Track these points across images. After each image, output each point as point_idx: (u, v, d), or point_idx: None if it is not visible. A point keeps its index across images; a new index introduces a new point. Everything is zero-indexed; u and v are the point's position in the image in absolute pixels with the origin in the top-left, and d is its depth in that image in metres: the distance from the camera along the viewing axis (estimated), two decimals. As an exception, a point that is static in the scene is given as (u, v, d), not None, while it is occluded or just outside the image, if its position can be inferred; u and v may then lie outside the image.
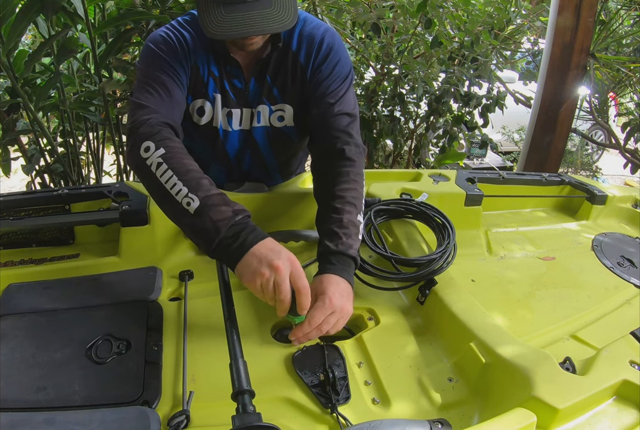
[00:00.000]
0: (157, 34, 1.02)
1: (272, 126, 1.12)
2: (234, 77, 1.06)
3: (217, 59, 1.04)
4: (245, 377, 0.67)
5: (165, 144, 0.87)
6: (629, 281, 1.11)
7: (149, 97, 0.95)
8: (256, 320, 0.89)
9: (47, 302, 0.90)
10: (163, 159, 0.85)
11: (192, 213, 0.80)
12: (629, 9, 3.09)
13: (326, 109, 1.04)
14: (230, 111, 1.09)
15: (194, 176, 0.84)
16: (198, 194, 0.81)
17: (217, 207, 0.80)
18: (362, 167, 1.02)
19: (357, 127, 1.06)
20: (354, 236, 0.90)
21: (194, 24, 1.03)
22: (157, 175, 0.84)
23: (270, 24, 0.88)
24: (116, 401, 0.70)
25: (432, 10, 2.29)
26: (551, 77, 2.64)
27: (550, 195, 1.49)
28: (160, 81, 0.97)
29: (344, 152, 1.00)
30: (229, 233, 0.79)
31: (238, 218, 0.81)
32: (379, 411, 0.73)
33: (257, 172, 1.24)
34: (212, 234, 0.79)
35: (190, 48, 1.01)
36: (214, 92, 1.06)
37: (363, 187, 1.00)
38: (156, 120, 0.91)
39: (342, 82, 1.06)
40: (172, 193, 0.82)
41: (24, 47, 2.54)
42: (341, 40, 1.09)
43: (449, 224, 1.05)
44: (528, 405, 0.65)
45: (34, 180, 2.30)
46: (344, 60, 1.07)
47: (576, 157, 4.94)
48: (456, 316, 0.84)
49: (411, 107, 2.78)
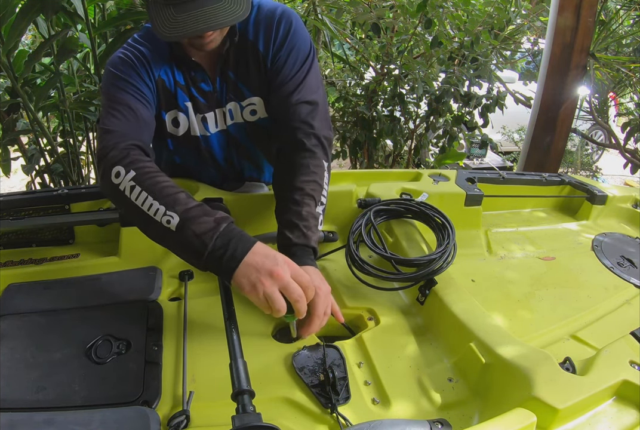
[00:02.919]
0: (115, 56, 1.00)
1: (247, 121, 1.11)
2: (201, 80, 1.05)
3: (179, 67, 1.03)
4: (245, 377, 0.67)
5: (135, 166, 0.85)
6: (629, 281, 1.11)
7: (114, 121, 0.93)
8: (256, 320, 0.89)
9: (47, 302, 0.90)
10: (135, 182, 0.82)
11: (174, 230, 0.77)
12: (629, 9, 3.09)
13: (284, 98, 1.01)
14: (204, 116, 1.08)
15: (168, 192, 0.81)
16: (176, 210, 0.78)
17: (198, 219, 0.78)
18: (322, 158, 1.00)
19: (320, 115, 1.02)
20: (314, 228, 0.92)
21: (150, 37, 1.01)
22: (132, 199, 0.81)
23: (223, 18, 0.85)
24: (116, 401, 0.70)
25: (432, 10, 2.29)
26: (551, 77, 2.64)
27: (550, 195, 1.49)
28: (123, 103, 0.95)
29: (304, 144, 0.99)
30: (216, 245, 0.76)
31: (222, 227, 0.78)
32: (379, 411, 0.72)
33: (249, 169, 1.23)
34: (199, 248, 0.77)
35: (151, 62, 0.99)
36: (184, 102, 1.05)
37: (323, 178, 0.99)
38: (124, 144, 0.89)
39: (301, 67, 1.03)
40: (151, 214, 0.79)
41: (24, 47, 2.54)
42: (299, 19, 1.05)
43: (449, 224, 1.05)
44: (528, 405, 0.65)
45: (34, 180, 2.30)
46: (302, 41, 1.03)
47: (576, 157, 4.94)
48: (456, 316, 0.84)
49: (411, 107, 2.78)
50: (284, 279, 0.75)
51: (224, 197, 1.11)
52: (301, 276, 0.77)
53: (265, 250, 0.78)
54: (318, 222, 0.94)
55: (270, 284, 0.74)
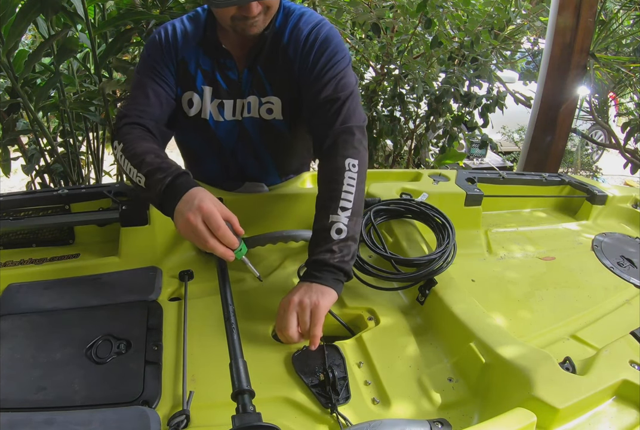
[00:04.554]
0: (152, 36, 1.08)
1: (262, 118, 1.12)
2: (228, 69, 1.07)
3: (207, 52, 1.07)
4: (245, 377, 0.68)
5: (124, 139, 0.96)
6: (629, 281, 1.11)
7: (130, 103, 1.04)
8: (256, 320, 0.89)
9: (47, 302, 0.90)
10: (122, 152, 0.94)
11: (145, 187, 0.88)
12: (629, 9, 3.09)
13: (315, 96, 1.02)
14: (222, 102, 1.10)
15: (141, 158, 0.91)
16: (142, 171, 0.88)
17: (154, 177, 0.87)
18: (350, 155, 0.97)
19: (350, 109, 1.00)
20: (322, 242, 0.89)
21: (195, 18, 1.08)
22: (123, 166, 0.93)
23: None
24: (116, 401, 0.70)
25: (432, 10, 2.29)
26: (551, 77, 2.64)
27: (550, 195, 1.49)
28: (143, 87, 1.04)
29: (334, 143, 0.98)
30: (166, 194, 0.85)
31: (168, 180, 0.85)
32: (379, 411, 0.73)
33: (253, 167, 1.23)
34: (155, 200, 0.87)
35: (179, 43, 1.05)
36: (202, 85, 1.08)
37: (343, 183, 0.94)
38: (124, 122, 1.00)
39: (331, 69, 1.02)
40: (132, 177, 0.91)
41: (24, 47, 2.54)
42: (336, 32, 1.06)
43: (448, 224, 1.05)
44: (528, 405, 0.65)
45: (34, 180, 2.30)
46: (332, 48, 1.03)
47: (576, 157, 4.94)
48: (456, 316, 0.84)
49: (411, 107, 2.78)
50: (204, 210, 0.80)
51: (224, 197, 1.10)
52: (225, 210, 0.83)
53: (201, 193, 0.84)
54: (329, 233, 0.88)
55: (195, 217, 0.80)
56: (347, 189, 0.92)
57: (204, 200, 0.81)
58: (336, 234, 0.88)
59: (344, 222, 0.89)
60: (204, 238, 0.80)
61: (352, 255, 0.89)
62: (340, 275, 0.87)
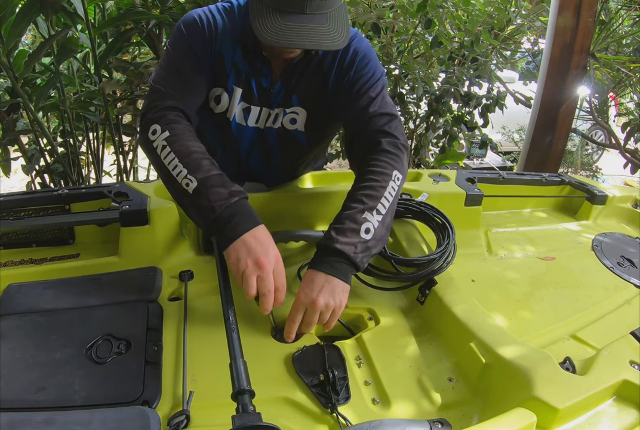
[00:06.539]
0: (191, 15, 1.01)
1: (284, 127, 1.12)
2: (263, 75, 1.05)
3: (246, 53, 1.03)
4: (245, 377, 0.67)
5: (170, 127, 0.91)
6: (629, 281, 1.11)
7: (165, 81, 0.98)
8: (256, 320, 0.89)
9: (47, 302, 0.90)
10: (167, 142, 0.88)
11: (191, 193, 0.84)
12: (629, 9, 3.09)
13: (361, 111, 1.01)
14: (250, 107, 1.09)
15: (195, 157, 0.87)
16: (196, 175, 0.84)
17: (214, 188, 0.84)
18: (395, 165, 0.98)
19: (399, 128, 1.02)
20: (348, 232, 0.87)
21: (231, 12, 1.02)
22: (162, 157, 0.88)
23: (325, 41, 0.87)
24: (116, 401, 0.70)
25: (432, 10, 2.29)
26: (551, 77, 2.64)
27: (550, 195, 1.49)
28: (178, 66, 0.99)
29: (378, 149, 0.98)
30: (224, 214, 0.82)
31: (234, 200, 0.83)
32: (379, 411, 0.73)
33: (261, 171, 1.23)
34: (208, 213, 0.83)
35: (219, 35, 1.01)
36: (233, 85, 1.06)
37: (386, 186, 0.94)
38: (167, 104, 0.94)
39: (375, 83, 1.03)
40: (174, 174, 0.86)
41: (24, 47, 2.54)
42: (369, 45, 1.07)
43: (449, 224, 1.05)
44: (528, 405, 0.65)
45: (34, 180, 2.30)
46: (372, 64, 1.04)
47: (576, 157, 4.94)
48: (456, 316, 0.84)
49: (411, 107, 2.77)
50: (265, 270, 0.79)
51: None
52: (280, 276, 0.81)
53: (263, 237, 0.83)
54: (359, 227, 0.87)
55: (252, 268, 0.80)
56: (387, 196, 0.93)
57: (267, 254, 0.80)
58: (365, 233, 0.87)
59: (375, 225, 0.88)
60: (249, 291, 0.80)
61: (368, 259, 0.90)
62: (353, 272, 0.88)
